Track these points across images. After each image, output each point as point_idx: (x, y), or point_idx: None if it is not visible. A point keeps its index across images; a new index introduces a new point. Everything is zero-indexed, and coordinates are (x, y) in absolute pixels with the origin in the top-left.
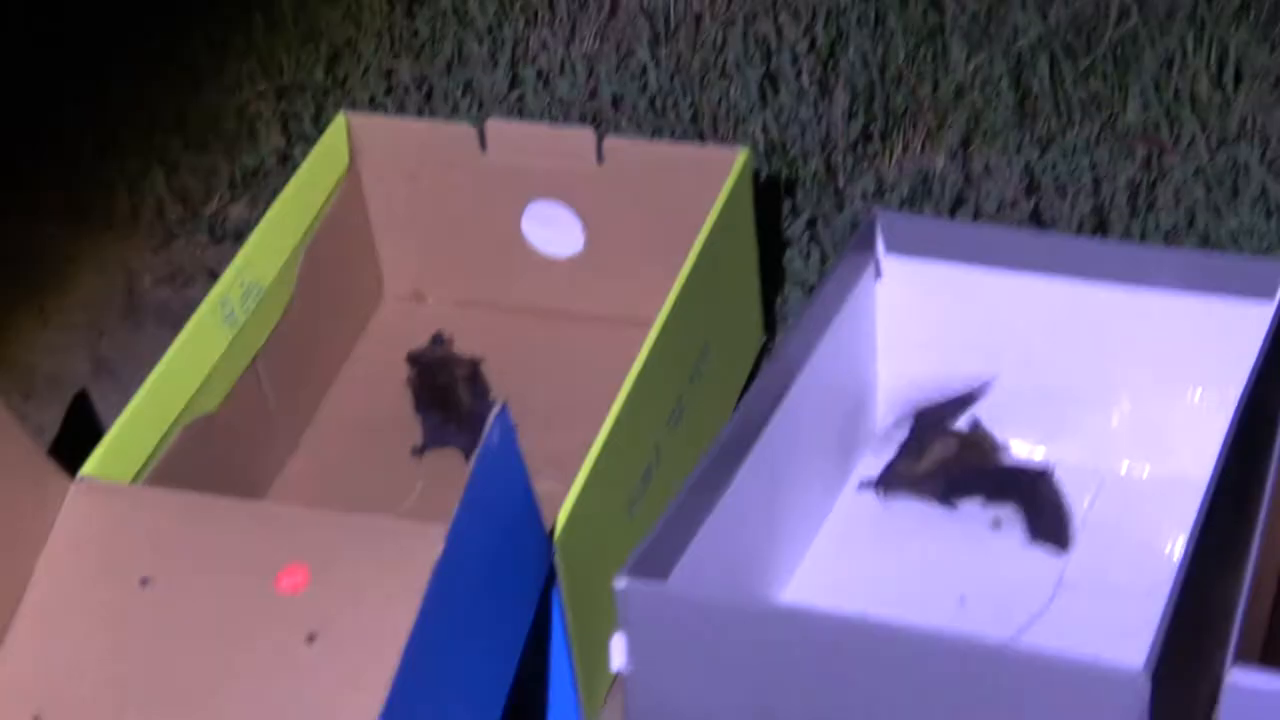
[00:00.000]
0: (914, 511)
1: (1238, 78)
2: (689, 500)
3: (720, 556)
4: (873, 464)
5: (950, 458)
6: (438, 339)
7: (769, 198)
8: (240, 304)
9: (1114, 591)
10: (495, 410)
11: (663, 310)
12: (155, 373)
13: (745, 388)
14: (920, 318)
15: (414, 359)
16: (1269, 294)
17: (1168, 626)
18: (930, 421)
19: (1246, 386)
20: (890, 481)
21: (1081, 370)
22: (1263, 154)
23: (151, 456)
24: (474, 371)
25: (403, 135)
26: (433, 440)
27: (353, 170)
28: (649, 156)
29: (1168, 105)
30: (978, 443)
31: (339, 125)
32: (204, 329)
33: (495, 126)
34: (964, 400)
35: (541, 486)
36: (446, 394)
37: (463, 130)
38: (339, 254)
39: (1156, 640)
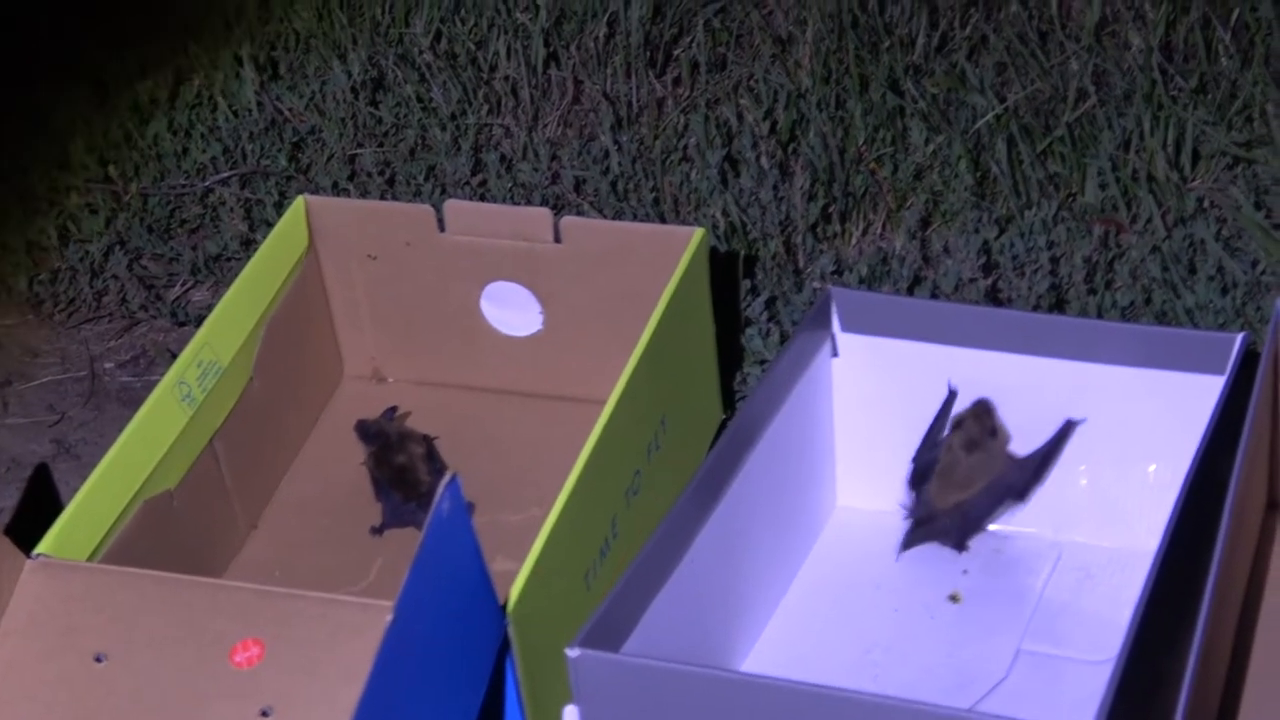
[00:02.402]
0: (876, 582)
1: (1195, 157)
2: (642, 571)
3: (675, 628)
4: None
5: (960, 479)
6: (389, 413)
7: (729, 277)
8: (197, 384)
9: (1070, 663)
10: (445, 481)
11: (617, 387)
12: (112, 452)
13: None
14: (878, 394)
15: (366, 431)
16: (1222, 368)
17: (1112, 699)
18: (926, 454)
19: (1194, 461)
20: (911, 540)
21: (1038, 441)
22: (1219, 231)
23: (108, 535)
24: (430, 448)
25: (361, 216)
26: (392, 520)
27: (312, 251)
28: (606, 236)
29: (1125, 185)
30: (979, 441)
31: (298, 207)
32: (161, 409)
33: (454, 207)
34: (941, 415)
35: (500, 564)
36: (405, 473)
37: (421, 211)
38: (298, 334)
39: (1101, 713)
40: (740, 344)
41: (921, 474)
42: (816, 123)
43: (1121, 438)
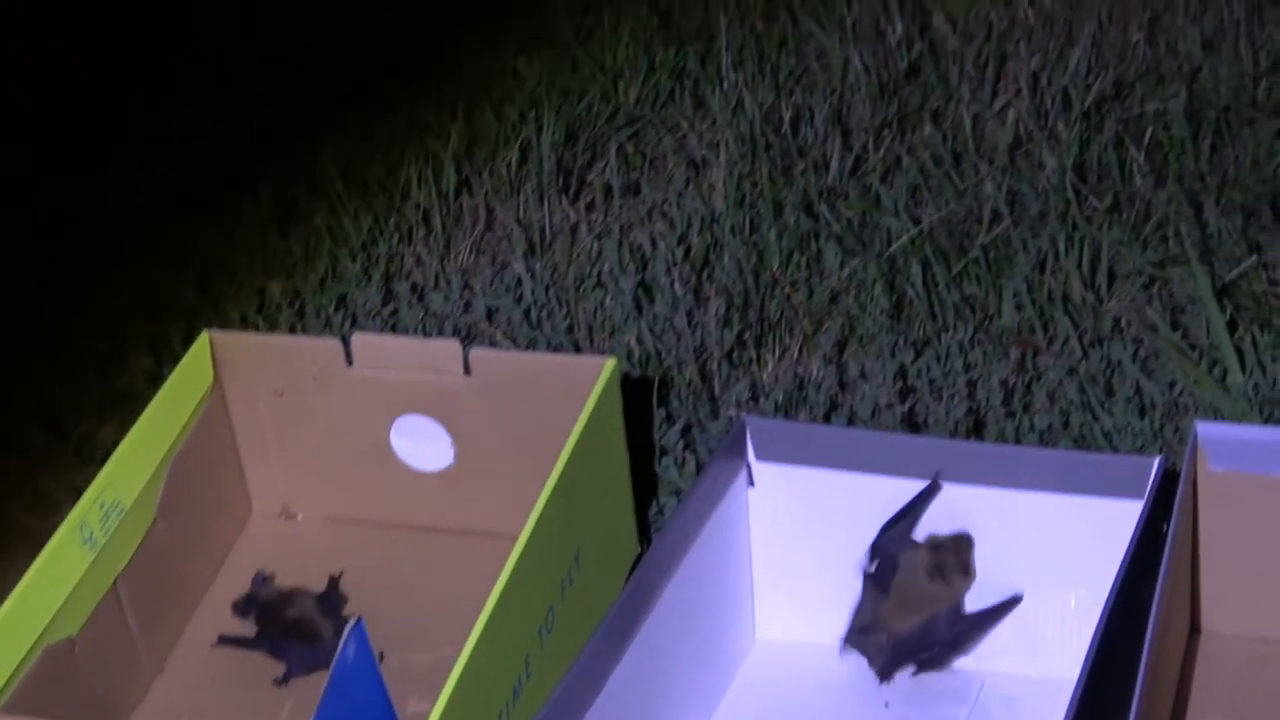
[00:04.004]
0: (797, 716)
1: (1110, 277)
2: (556, 711)
3: None
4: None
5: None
6: (259, 579)
7: (643, 406)
8: (100, 526)
9: None
10: (350, 626)
11: (529, 522)
12: (11, 598)
13: None
14: (795, 524)
15: (244, 608)
16: (1140, 492)
17: None
18: (892, 546)
19: (1114, 588)
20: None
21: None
22: (1135, 352)
23: (8, 684)
24: (326, 595)
25: (267, 351)
26: (297, 669)
27: (217, 388)
28: (516, 368)
29: (1041, 306)
30: (946, 573)
31: (202, 344)
32: (62, 552)
33: (361, 340)
34: (916, 507)
35: (412, 707)
36: (300, 625)
37: (328, 345)
38: (204, 472)
39: None
40: (655, 473)
41: (883, 570)
42: (730, 247)
43: (1042, 565)
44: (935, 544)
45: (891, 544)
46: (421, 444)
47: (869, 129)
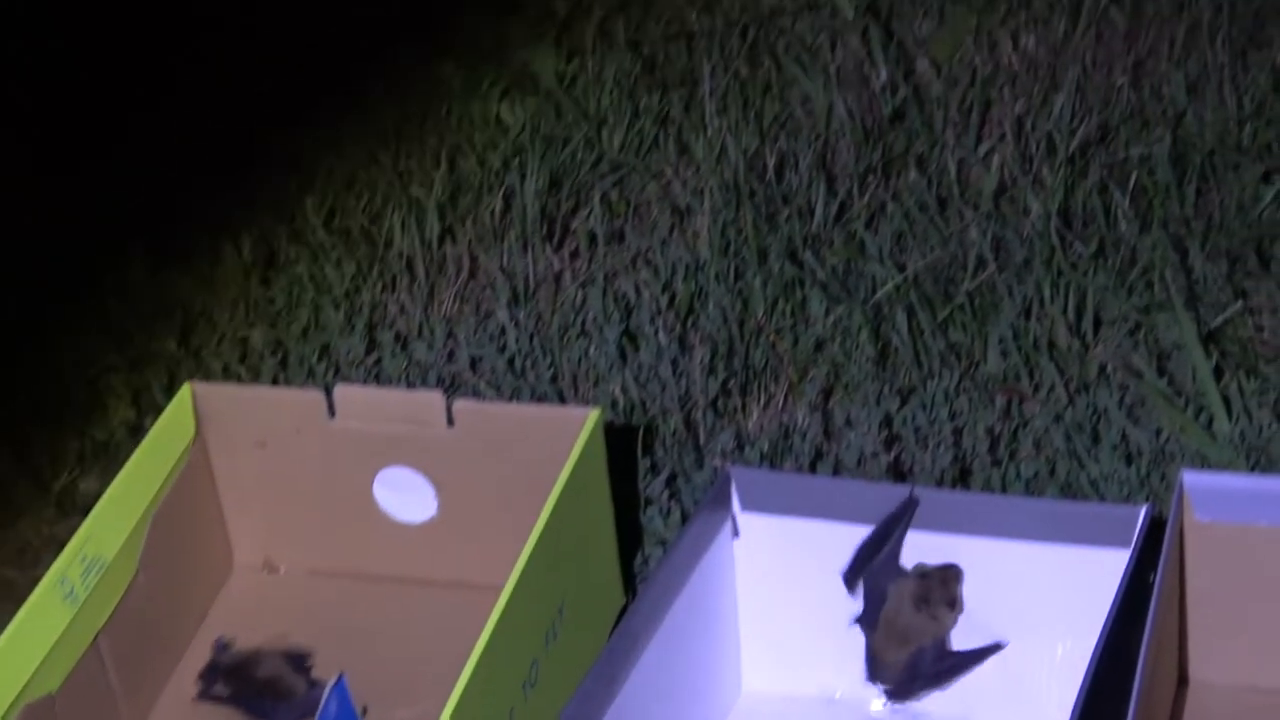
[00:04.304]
0: None
1: (1096, 323)
2: None
3: None
4: None
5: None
6: (220, 644)
7: (627, 456)
8: (80, 581)
9: None
10: (332, 682)
11: (513, 574)
12: None
13: None
14: (781, 575)
15: (210, 677)
16: (1127, 541)
17: None
18: (878, 582)
19: (1101, 638)
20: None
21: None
22: (1121, 399)
23: None
24: (290, 652)
25: (249, 403)
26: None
27: (199, 440)
28: (499, 419)
29: (1027, 353)
30: (933, 605)
31: (184, 395)
32: (42, 608)
33: (344, 392)
34: (892, 526)
35: None
36: (275, 684)
37: (310, 396)
38: (186, 525)
39: None
40: (640, 524)
41: (871, 605)
42: (715, 295)
43: (1029, 614)
44: (923, 573)
45: (879, 574)
46: (404, 495)
47: (853, 175)
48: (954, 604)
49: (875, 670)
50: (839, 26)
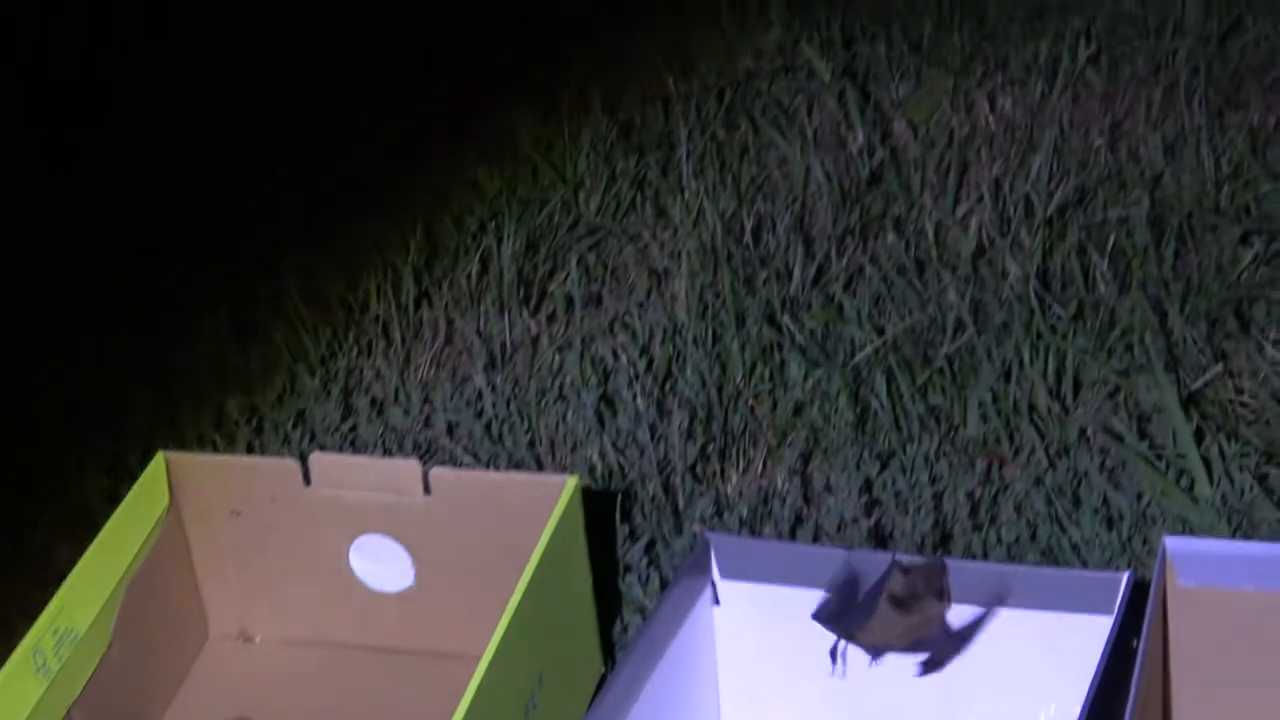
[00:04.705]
0: None
1: (1075, 386)
2: None
3: None
4: None
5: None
6: None
7: (606, 522)
8: (54, 652)
9: None
10: None
11: (491, 644)
12: None
13: None
14: (762, 643)
15: None
16: (1110, 607)
17: None
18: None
19: (1084, 705)
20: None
21: (926, 688)
22: (1102, 463)
23: None
24: None
25: (224, 471)
26: None
27: (173, 509)
28: (477, 486)
29: (1006, 416)
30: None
31: (158, 464)
32: (15, 680)
33: (319, 460)
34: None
35: None
36: None
37: (286, 465)
38: (160, 595)
39: None
40: (619, 591)
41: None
42: (693, 359)
43: (1013, 681)
44: (905, 568)
45: (853, 619)
46: (381, 564)
47: (831, 237)
48: (943, 595)
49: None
50: (815, 89)
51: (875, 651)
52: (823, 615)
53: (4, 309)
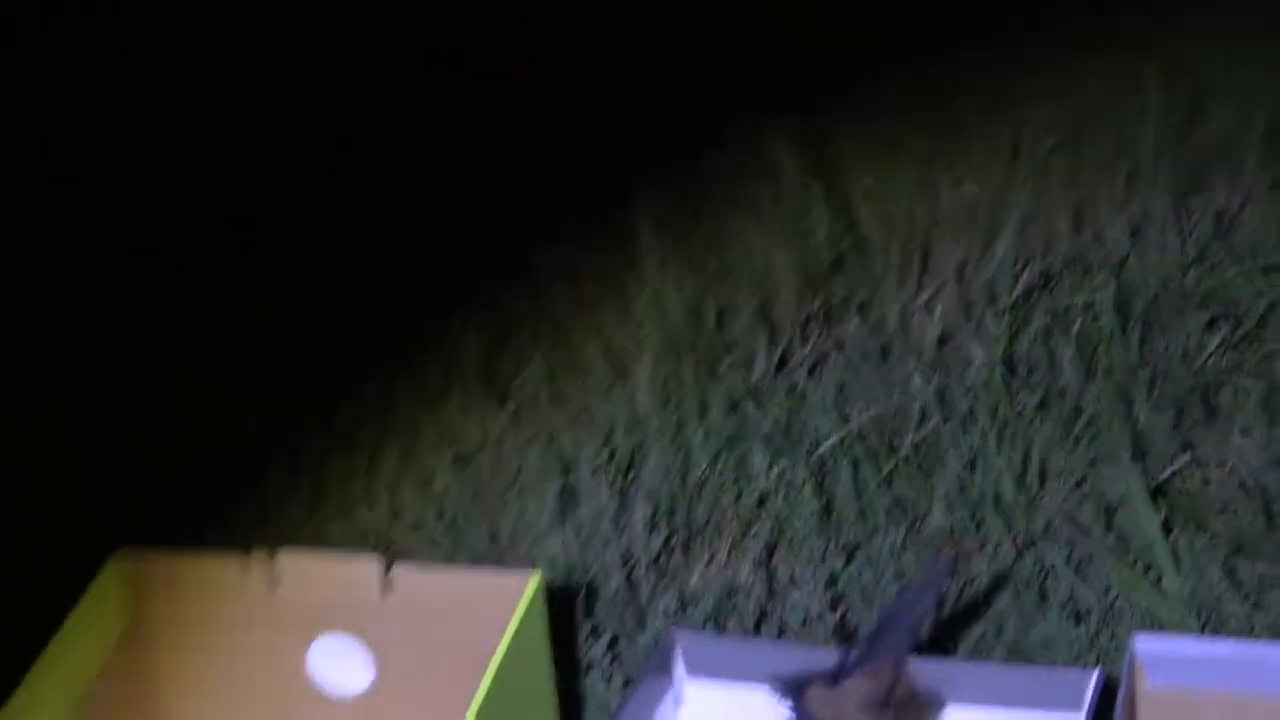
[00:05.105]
0: None
1: (1042, 476)
2: None
3: None
4: None
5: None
6: None
7: (568, 618)
8: None
9: None
10: None
11: None
12: None
13: None
14: None
15: None
16: (1079, 704)
17: None
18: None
19: None
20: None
21: None
22: (1069, 555)
23: None
24: None
25: (182, 573)
26: None
27: (131, 612)
28: (438, 584)
29: (972, 507)
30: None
31: (113, 568)
32: None
33: (281, 559)
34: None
35: None
36: None
37: (249, 564)
38: (116, 705)
39: None
40: (582, 690)
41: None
42: (656, 449)
43: None
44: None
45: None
46: (341, 665)
47: (794, 323)
48: (906, 694)
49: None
50: (778, 178)
51: None
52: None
53: None
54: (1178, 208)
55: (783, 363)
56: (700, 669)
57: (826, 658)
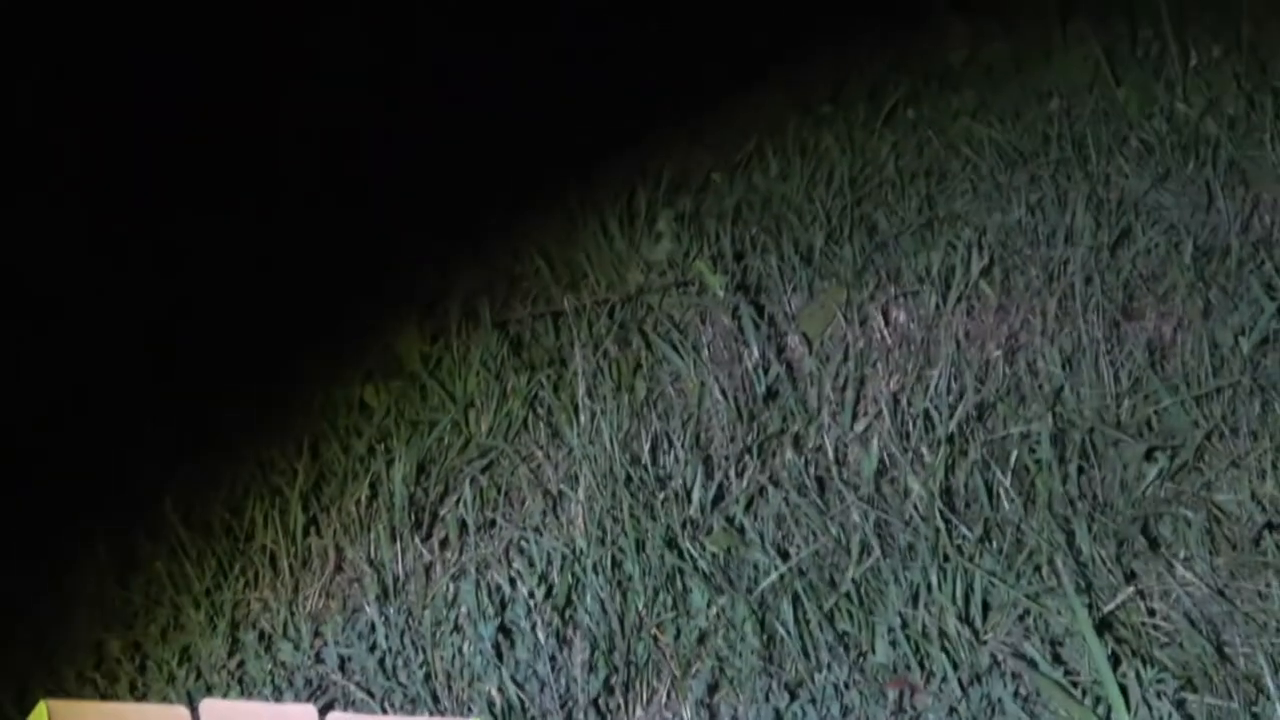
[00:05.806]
0: None
1: (985, 609)
2: None
3: None
4: None
5: None
6: None
7: None
8: None
9: None
10: None
11: None
12: None
13: None
14: None
15: None
16: None
17: None
18: None
19: None
20: None
21: None
22: (1016, 690)
23: None
24: None
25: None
26: None
27: None
28: None
29: (916, 642)
30: None
31: (39, 714)
32: None
33: (210, 706)
34: None
35: None
36: None
37: (175, 713)
38: None
39: None
40: None
41: None
42: (593, 586)
43: None
44: None
45: None
46: None
47: (730, 456)
48: None
49: None
50: (708, 303)
51: None
52: None
53: None
54: (1110, 336)
55: (719, 496)
56: None
57: None
